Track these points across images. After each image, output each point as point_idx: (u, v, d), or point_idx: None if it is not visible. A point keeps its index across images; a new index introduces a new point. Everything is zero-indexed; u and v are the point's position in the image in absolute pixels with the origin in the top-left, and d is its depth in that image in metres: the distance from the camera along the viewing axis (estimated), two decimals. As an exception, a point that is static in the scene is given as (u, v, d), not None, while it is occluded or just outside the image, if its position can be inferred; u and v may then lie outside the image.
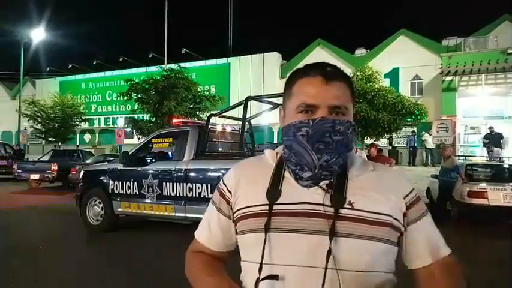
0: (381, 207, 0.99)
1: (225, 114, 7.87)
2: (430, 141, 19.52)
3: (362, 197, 1.00)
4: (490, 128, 17.37)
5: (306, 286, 0.95)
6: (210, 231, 1.16)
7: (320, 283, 0.92)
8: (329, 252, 0.93)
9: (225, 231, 1.14)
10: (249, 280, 1.01)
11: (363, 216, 0.97)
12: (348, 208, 0.98)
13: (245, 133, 7.08)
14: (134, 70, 31.85)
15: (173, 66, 19.32)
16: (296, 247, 0.97)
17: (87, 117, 28.58)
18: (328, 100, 0.99)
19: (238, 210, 1.08)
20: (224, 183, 1.14)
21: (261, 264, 0.98)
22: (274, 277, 0.96)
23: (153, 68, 22.21)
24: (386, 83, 20.44)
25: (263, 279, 0.97)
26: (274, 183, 1.05)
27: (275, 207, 1.01)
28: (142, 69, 29.99)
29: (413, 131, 21.02)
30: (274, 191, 1.03)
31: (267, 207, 1.01)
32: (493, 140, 16.63)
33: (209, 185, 6.31)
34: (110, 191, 7.29)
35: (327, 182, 1.01)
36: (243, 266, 1.08)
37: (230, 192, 1.11)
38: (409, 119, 17.16)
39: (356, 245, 0.95)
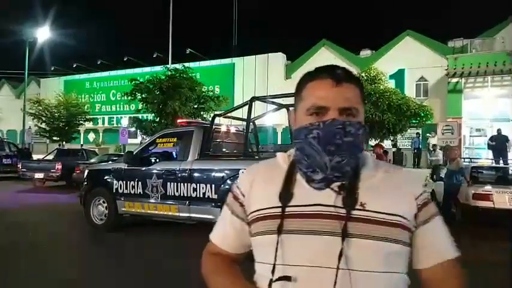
0: (393, 208, 1.00)
1: (229, 114, 7.86)
2: (432, 143, 19.52)
3: (374, 198, 1.01)
4: (498, 130, 17.24)
5: (318, 286, 0.96)
6: (225, 233, 1.19)
7: (332, 283, 0.94)
8: (341, 252, 0.95)
9: (239, 234, 1.16)
10: (263, 281, 1.03)
11: (375, 217, 0.98)
12: (360, 209, 0.99)
13: (249, 134, 7.06)
14: (138, 70, 31.98)
15: (177, 66, 19.33)
16: (308, 248, 0.98)
17: (91, 116, 28.70)
18: (338, 102, 0.99)
19: (252, 212, 1.10)
20: (237, 187, 1.17)
21: (274, 265, 0.99)
22: (286, 278, 0.98)
23: (158, 68, 22.26)
24: (391, 84, 20.40)
25: (276, 280, 0.98)
26: (287, 185, 1.06)
27: (288, 209, 1.02)
28: (147, 69, 30.08)
29: (417, 133, 20.95)
30: (286, 194, 1.04)
31: (280, 210, 1.03)
32: (499, 142, 16.52)
33: (213, 186, 6.29)
34: (114, 191, 7.29)
35: (338, 183, 1.02)
36: (256, 267, 1.10)
37: (244, 196, 1.13)
38: (414, 121, 17.11)
39: (367, 246, 0.97)
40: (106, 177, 7.51)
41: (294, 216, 1.01)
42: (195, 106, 18.48)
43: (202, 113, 18.47)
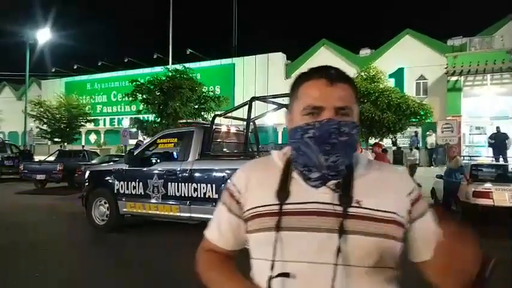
0: (387, 205, 1.03)
1: (229, 114, 7.89)
2: (429, 141, 19.54)
3: (368, 196, 1.03)
4: (497, 128, 17.29)
5: (316, 282, 0.98)
6: (220, 230, 1.19)
7: (330, 279, 0.96)
8: (338, 249, 0.97)
9: (235, 231, 1.16)
10: (261, 277, 1.04)
11: (370, 214, 1.00)
12: (356, 207, 1.01)
13: (250, 133, 7.10)
14: (139, 71, 31.98)
15: (178, 66, 19.37)
16: (306, 245, 1.00)
17: (92, 117, 28.75)
18: (333, 101, 1.01)
19: (248, 210, 1.10)
20: (234, 184, 1.17)
21: (273, 262, 1.01)
22: (286, 275, 0.99)
23: (158, 69, 22.29)
24: (391, 83, 20.39)
25: (275, 276, 1.00)
26: (283, 183, 1.07)
27: (285, 206, 1.03)
28: (147, 70, 30.04)
29: (415, 131, 20.93)
30: (283, 191, 1.06)
31: (277, 207, 1.04)
32: (499, 140, 16.55)
33: (214, 185, 6.33)
34: (115, 191, 7.33)
35: (334, 182, 1.03)
36: (253, 263, 1.11)
37: (240, 193, 1.14)
38: (413, 119, 17.11)
39: (364, 242, 0.98)
40: (107, 178, 7.55)
41: (292, 213, 1.02)
42: (196, 106, 18.53)
43: (202, 113, 18.51)
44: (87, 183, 8.01)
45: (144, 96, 18.12)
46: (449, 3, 69.50)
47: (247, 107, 6.83)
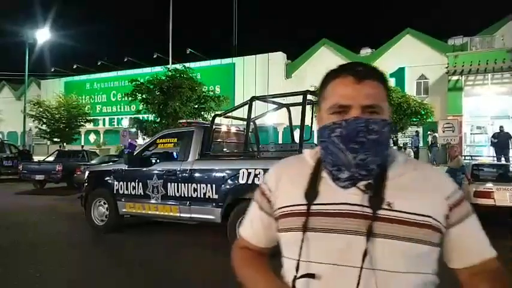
0: (421, 208, 0.98)
1: (229, 114, 7.85)
2: (429, 141, 19.58)
3: (401, 198, 0.98)
4: (500, 127, 17.27)
5: (341, 284, 0.96)
6: (253, 228, 1.22)
7: (355, 282, 0.94)
8: (365, 252, 0.94)
9: (266, 228, 1.18)
10: (288, 276, 1.05)
11: (402, 218, 0.96)
12: (386, 209, 0.97)
13: (250, 133, 7.05)
14: (139, 70, 31.93)
15: (178, 66, 19.34)
16: (333, 246, 0.98)
17: (92, 117, 28.73)
18: (360, 100, 0.98)
19: (278, 208, 1.11)
20: (265, 183, 1.19)
21: (298, 262, 1.01)
22: (310, 275, 0.99)
23: (158, 68, 22.27)
24: (391, 82, 20.37)
25: (300, 277, 1.00)
26: (312, 183, 1.06)
27: (313, 207, 1.02)
28: (147, 70, 30.01)
29: (416, 131, 20.93)
30: (312, 192, 1.05)
31: (304, 207, 1.03)
32: (502, 139, 16.54)
33: (214, 186, 6.29)
34: (114, 192, 7.30)
35: (365, 182, 1.00)
36: (283, 261, 1.12)
37: (270, 191, 1.15)
38: (414, 119, 17.10)
39: (393, 246, 0.95)
40: (107, 178, 7.51)
41: (319, 214, 1.01)
42: (196, 106, 18.50)
43: (202, 113, 18.48)
44: (86, 184, 7.98)
45: (144, 96, 18.09)
46: (449, 2, 69.55)
47: (247, 106, 6.78)
